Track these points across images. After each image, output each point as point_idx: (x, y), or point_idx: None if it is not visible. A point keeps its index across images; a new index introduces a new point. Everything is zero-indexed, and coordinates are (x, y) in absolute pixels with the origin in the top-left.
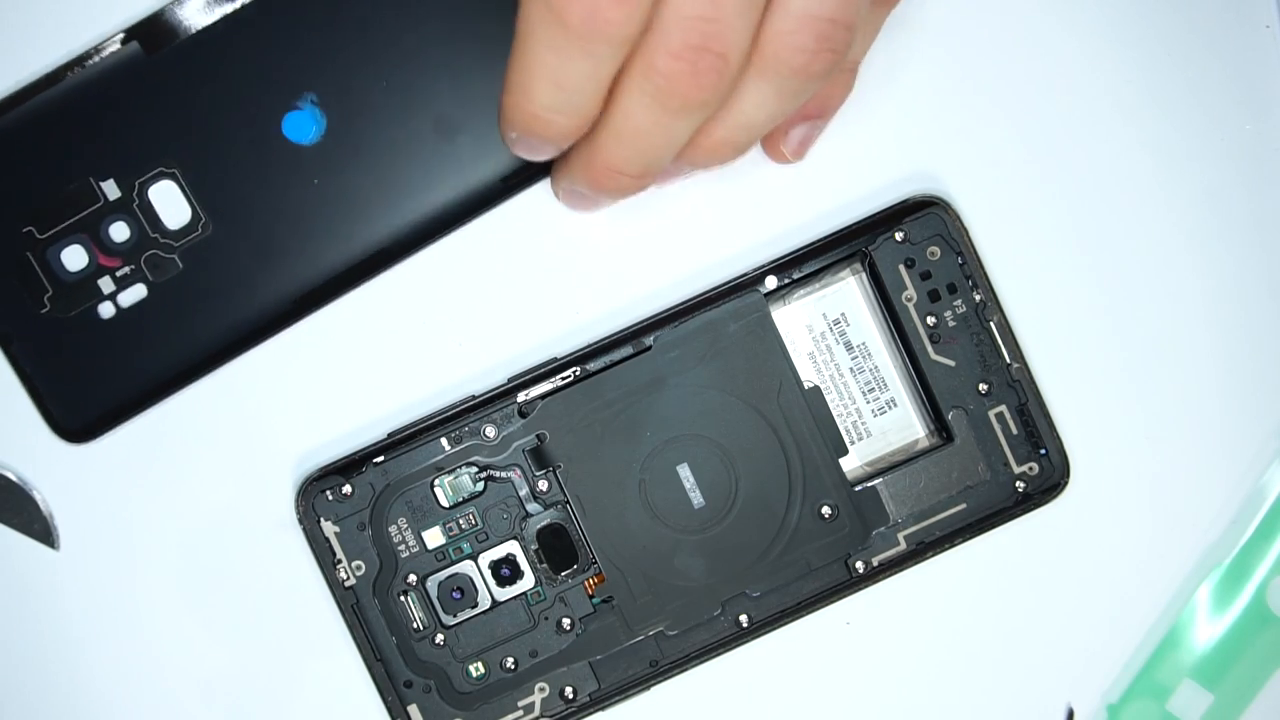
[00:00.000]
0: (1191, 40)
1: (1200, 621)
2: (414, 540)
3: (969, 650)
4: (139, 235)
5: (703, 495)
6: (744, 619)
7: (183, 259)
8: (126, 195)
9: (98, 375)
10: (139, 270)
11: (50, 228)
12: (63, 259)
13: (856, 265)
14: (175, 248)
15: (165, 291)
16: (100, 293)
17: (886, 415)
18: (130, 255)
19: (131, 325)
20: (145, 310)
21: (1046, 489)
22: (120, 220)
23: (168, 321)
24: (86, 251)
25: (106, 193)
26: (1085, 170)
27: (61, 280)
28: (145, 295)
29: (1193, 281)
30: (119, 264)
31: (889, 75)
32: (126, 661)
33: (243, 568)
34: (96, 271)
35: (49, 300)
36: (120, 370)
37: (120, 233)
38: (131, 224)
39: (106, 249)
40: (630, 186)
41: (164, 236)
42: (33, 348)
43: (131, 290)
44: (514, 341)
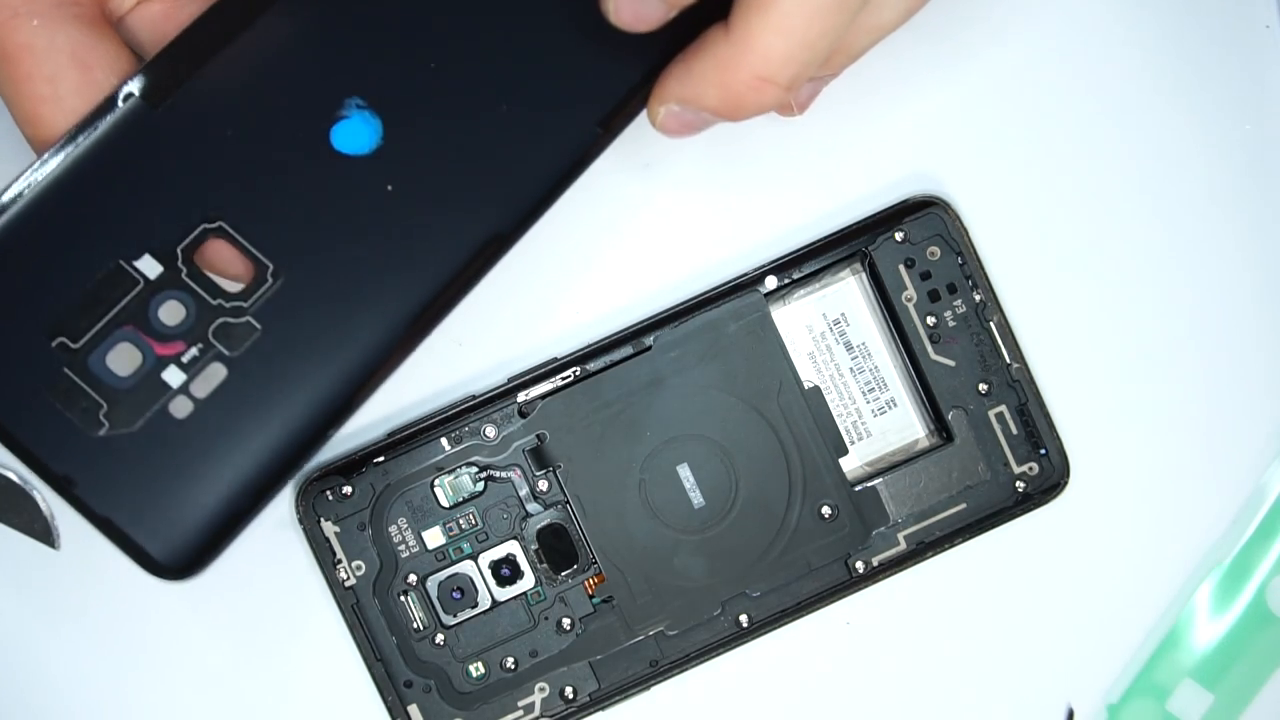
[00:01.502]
0: (1191, 40)
1: (1200, 621)
2: (414, 540)
3: (969, 650)
4: (198, 309)
5: (703, 495)
6: (744, 619)
7: (259, 319)
8: (170, 268)
9: (192, 492)
10: (209, 347)
11: (85, 331)
12: (108, 364)
13: (856, 265)
14: (246, 309)
15: (249, 363)
16: (167, 388)
17: (886, 415)
18: (193, 333)
19: (218, 415)
20: (230, 392)
21: (1046, 489)
22: (170, 299)
23: (263, 397)
24: (137, 346)
25: (145, 272)
26: (1085, 170)
27: (114, 388)
28: (226, 375)
29: (1192, 281)
30: (182, 348)
31: (889, 76)
32: (127, 661)
33: (243, 568)
34: (156, 365)
35: (105, 418)
36: (218, 475)
37: (173, 313)
38: (185, 299)
39: (161, 335)
40: (774, 103)
41: (229, 300)
42: (102, 484)
43: (206, 374)
44: (514, 341)
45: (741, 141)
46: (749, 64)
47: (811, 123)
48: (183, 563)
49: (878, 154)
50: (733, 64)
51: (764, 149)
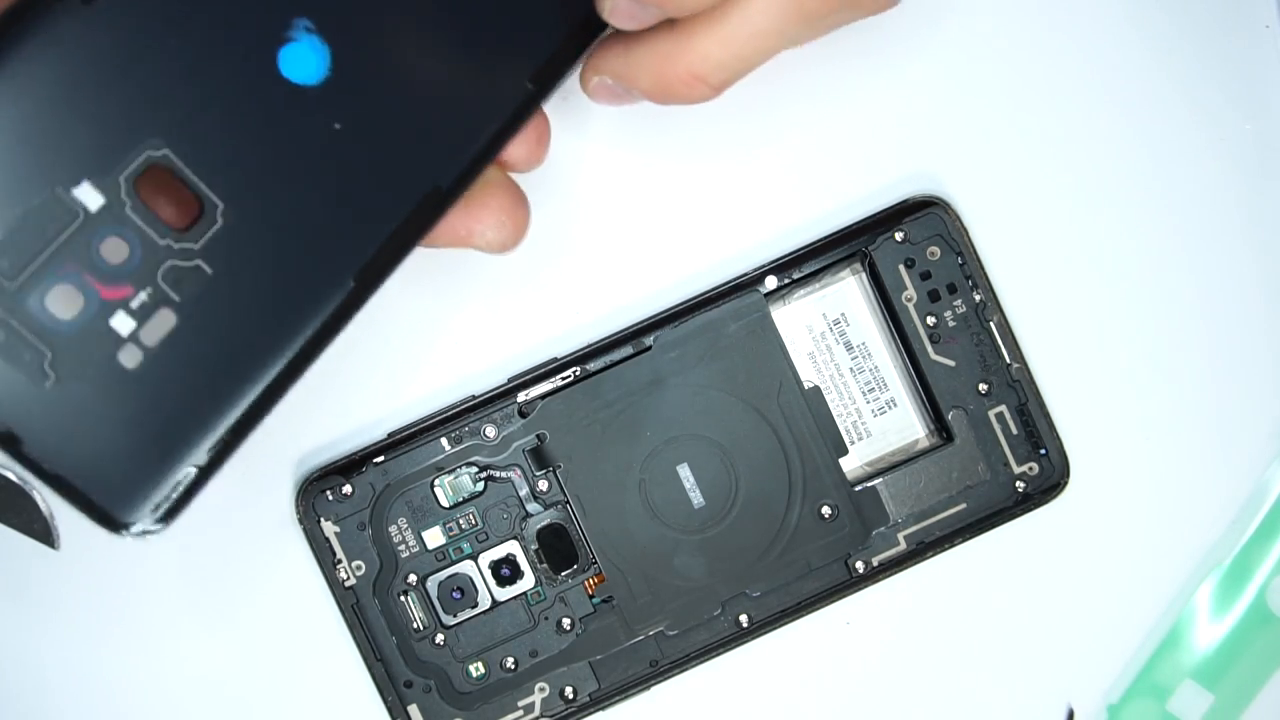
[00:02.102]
0: (1191, 40)
1: (1200, 622)
2: (414, 540)
3: (969, 650)
4: (144, 248)
5: (703, 495)
6: (744, 619)
7: (207, 261)
8: (112, 200)
9: (148, 445)
10: (158, 291)
11: (23, 270)
12: (49, 306)
13: (856, 265)
14: (195, 250)
15: (200, 309)
16: (116, 335)
17: (886, 415)
18: (140, 275)
19: (170, 365)
20: (181, 341)
21: (1046, 489)
22: (113, 234)
23: (216, 346)
24: (79, 287)
25: (85, 203)
26: (1085, 170)
27: (58, 334)
28: (176, 322)
29: (1192, 281)
30: (129, 291)
31: (889, 76)
32: (127, 661)
33: (243, 568)
34: (102, 310)
35: (50, 368)
36: (176, 429)
37: (117, 251)
38: (130, 236)
39: (106, 276)
40: (700, 100)
41: (177, 240)
42: (51, 439)
43: (156, 319)
44: (514, 341)
45: (742, 141)
46: (686, 62)
47: (812, 123)
48: (143, 518)
49: (878, 154)
50: (671, 58)
51: (764, 149)
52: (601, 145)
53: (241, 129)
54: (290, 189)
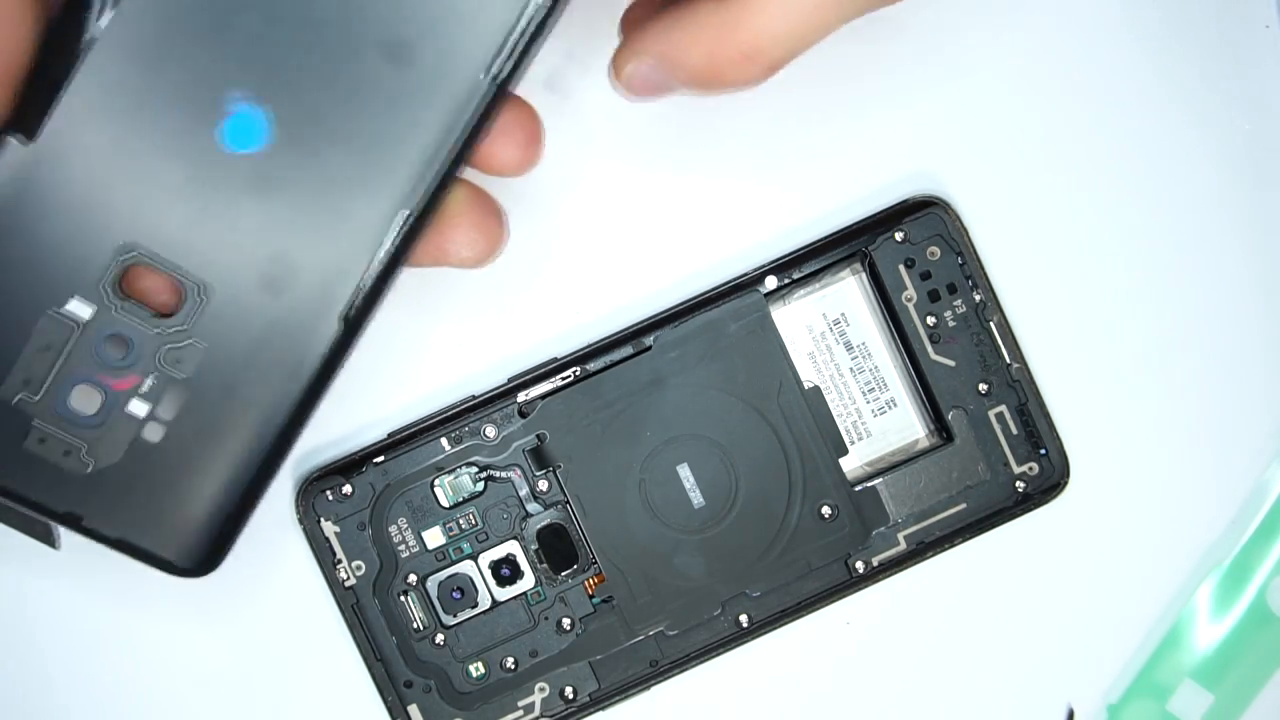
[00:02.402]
0: (1191, 40)
1: (1200, 621)
2: (414, 540)
3: (969, 650)
4: (140, 340)
5: (703, 495)
6: (744, 619)
7: (202, 336)
8: (101, 306)
9: (188, 499)
10: (162, 374)
11: (40, 383)
12: (73, 407)
13: (856, 265)
14: (186, 330)
15: (204, 379)
16: (136, 418)
17: (886, 415)
18: (142, 365)
19: (191, 429)
20: (195, 408)
21: (1046, 489)
22: (110, 335)
23: (225, 407)
24: (94, 386)
25: (77, 315)
26: (1085, 170)
27: (87, 428)
28: (187, 395)
29: (1192, 281)
30: (137, 380)
31: (889, 76)
32: (127, 661)
33: (243, 568)
34: (118, 401)
35: (88, 456)
36: (209, 481)
37: (118, 348)
38: (125, 333)
39: (113, 371)
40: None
41: (168, 326)
42: (106, 511)
43: (167, 398)
44: (514, 341)
45: (742, 141)
46: (742, 37)
47: (812, 123)
48: (199, 559)
49: (878, 154)
50: (725, 32)
51: (764, 149)
52: (602, 145)
53: (201, 208)
54: (260, 252)
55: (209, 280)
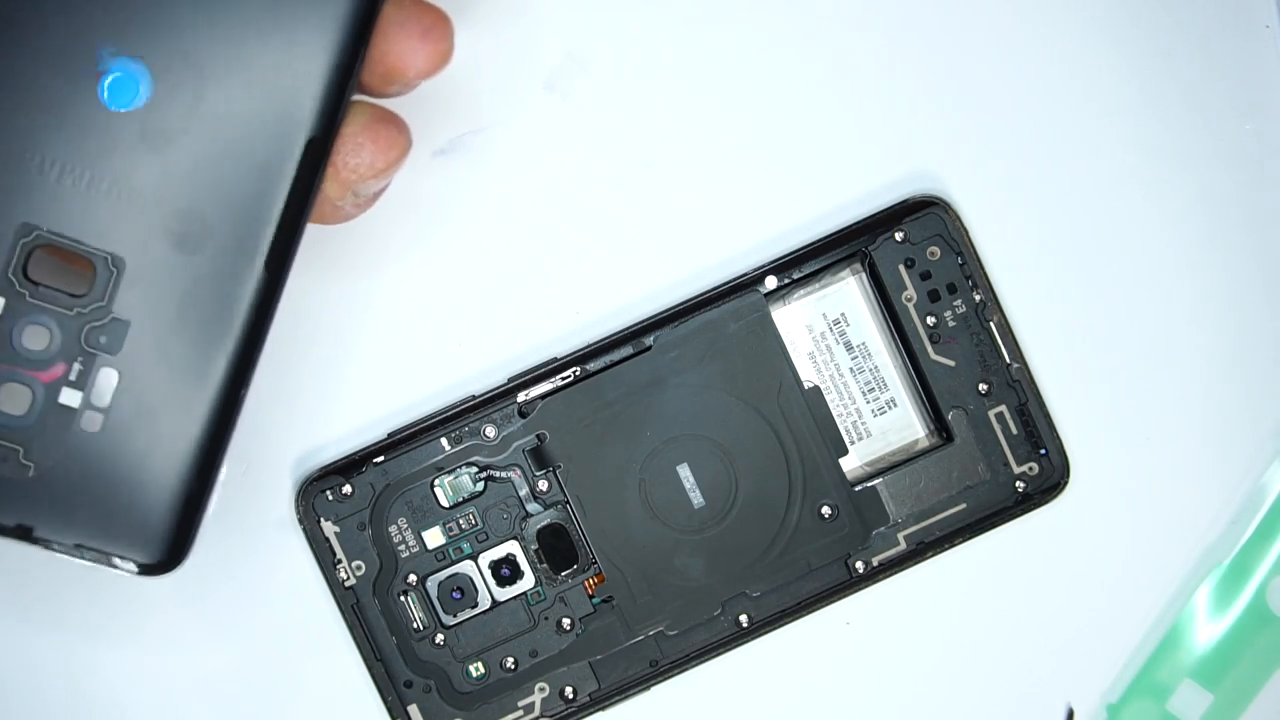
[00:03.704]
0: (1191, 40)
1: (1200, 621)
2: (414, 540)
3: (969, 650)
4: (59, 324)
5: (703, 495)
6: (744, 619)
7: (123, 310)
8: (10, 295)
9: (142, 488)
10: (90, 356)
11: None
12: (2, 409)
13: (856, 265)
14: (106, 306)
15: (134, 355)
16: (71, 410)
17: (886, 415)
18: (67, 350)
19: (131, 412)
20: (131, 389)
21: (1046, 489)
22: (28, 324)
23: (165, 379)
24: (19, 381)
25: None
26: (1085, 170)
27: (21, 429)
28: (119, 376)
29: (1192, 281)
30: (64, 369)
31: (888, 76)
32: (126, 661)
33: (243, 568)
34: (48, 394)
35: (27, 460)
36: (161, 464)
37: (38, 338)
38: (43, 319)
39: (37, 363)
40: None
41: (85, 305)
42: (57, 517)
43: (100, 382)
44: (514, 341)
45: (742, 141)
46: None
47: (812, 123)
48: (165, 553)
49: (878, 154)
50: None
51: (765, 148)
52: (602, 144)
53: (97, 177)
54: (166, 211)
55: (119, 251)
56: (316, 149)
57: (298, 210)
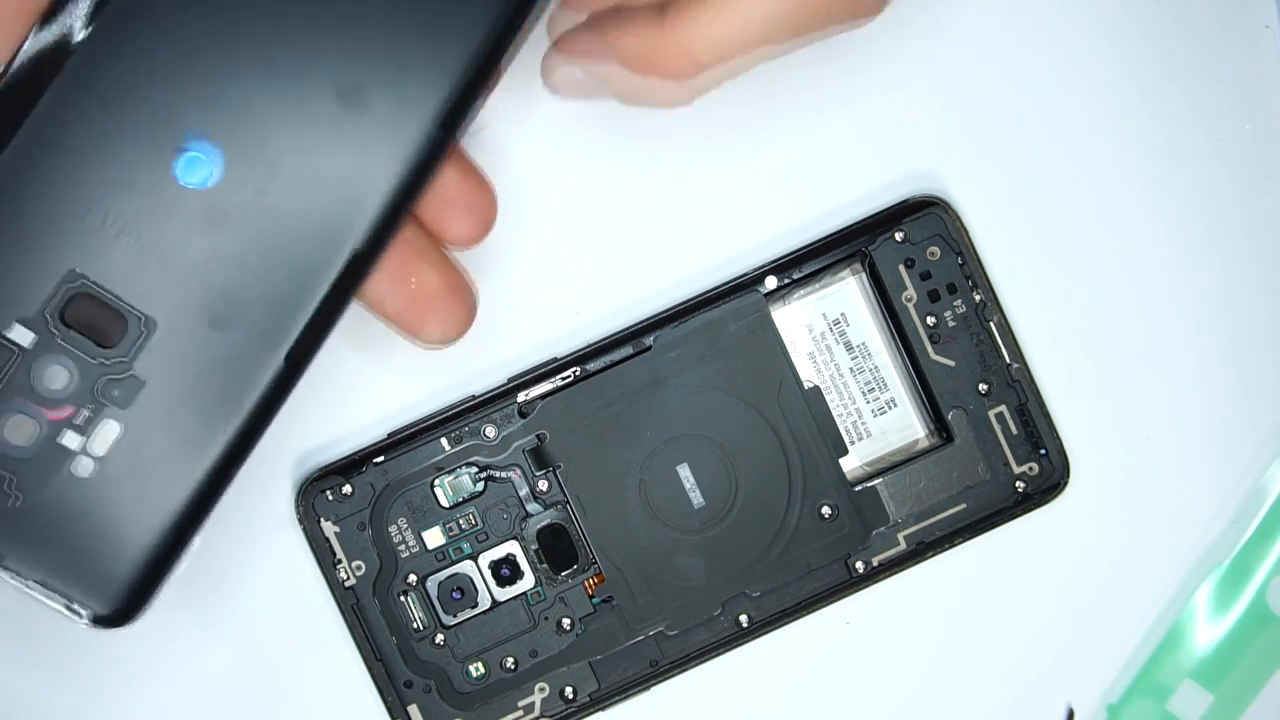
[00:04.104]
0: (1191, 40)
1: (1200, 621)
2: (414, 540)
3: (969, 650)
4: (80, 370)
5: (703, 495)
6: (744, 619)
7: (142, 370)
8: (43, 334)
9: (113, 542)
10: (99, 406)
11: None
12: (5, 438)
13: (856, 265)
14: (127, 362)
15: (141, 414)
16: (68, 451)
17: (886, 415)
18: (80, 396)
19: (121, 468)
20: (129, 445)
21: (1046, 489)
22: (51, 364)
23: (161, 445)
24: (29, 415)
25: (18, 341)
26: (1085, 170)
27: (17, 459)
28: (120, 430)
29: (1192, 281)
30: (72, 411)
31: (888, 75)
32: (126, 661)
33: (243, 568)
34: (51, 431)
35: (16, 490)
36: (135, 522)
37: (57, 378)
38: (65, 362)
39: (49, 401)
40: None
41: (109, 357)
42: (28, 550)
43: (101, 432)
44: (514, 341)
45: (742, 141)
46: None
47: (812, 122)
48: (119, 610)
49: (878, 154)
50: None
51: (764, 149)
52: (602, 144)
53: (150, 242)
54: (207, 287)
55: (154, 314)
56: (360, 262)
57: (329, 313)
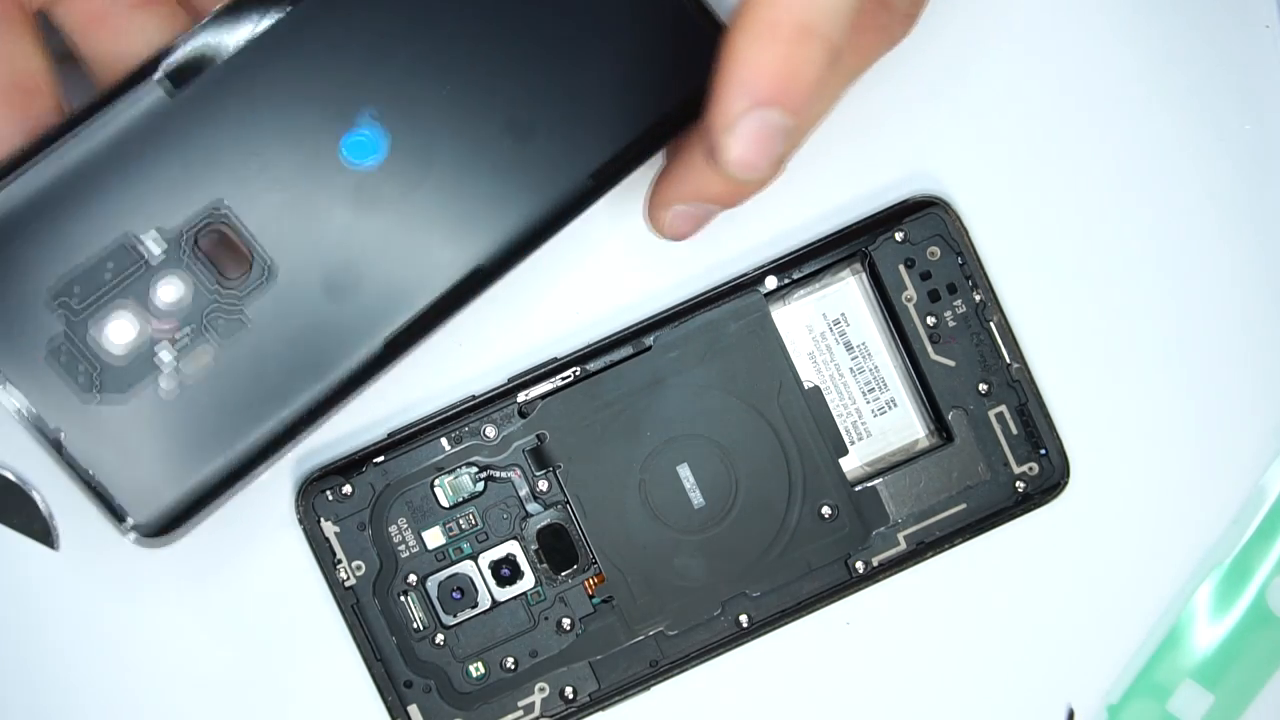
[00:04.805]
0: (1191, 40)
1: (1201, 622)
2: (414, 540)
3: (969, 650)
4: (194, 290)
5: (703, 495)
6: (744, 619)
7: (249, 313)
8: (172, 247)
9: (170, 462)
10: (200, 330)
11: (87, 298)
12: (107, 335)
13: (856, 265)
14: (239, 300)
15: (235, 352)
16: (158, 366)
17: (886, 415)
18: (187, 316)
19: (201, 397)
20: (214, 377)
21: (1046, 489)
22: (169, 277)
23: (243, 387)
24: (135, 320)
25: (149, 248)
26: (1085, 170)
27: (109, 358)
28: (212, 360)
29: (1192, 281)
30: (174, 327)
31: (889, 76)
32: (126, 661)
33: (243, 568)
34: (150, 341)
35: (98, 386)
36: (196, 452)
37: (171, 292)
38: (185, 280)
39: (158, 313)
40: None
41: (223, 288)
42: (91, 445)
43: (195, 355)
44: (514, 341)
45: None
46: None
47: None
48: (156, 526)
49: (878, 154)
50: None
51: None
52: None
53: (298, 201)
54: (334, 257)
55: (278, 265)
56: (479, 277)
57: (436, 316)
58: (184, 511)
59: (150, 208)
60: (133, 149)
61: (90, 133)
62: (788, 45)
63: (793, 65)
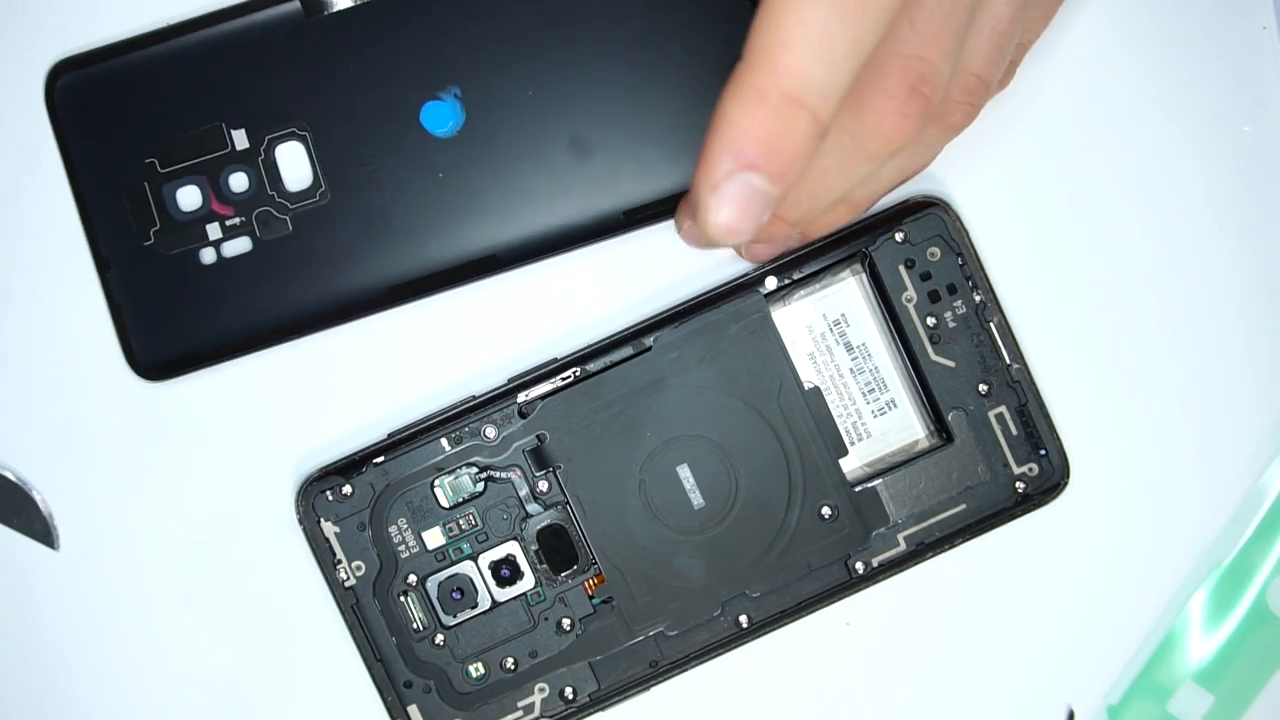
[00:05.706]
0: (1189, 41)
1: (1201, 622)
2: (414, 540)
3: (969, 650)
4: (257, 189)
5: (703, 496)
6: (744, 619)
7: (294, 222)
8: (254, 148)
9: (184, 318)
10: (249, 223)
11: (173, 164)
12: (178, 197)
13: (856, 266)
14: (290, 209)
15: (269, 250)
16: (206, 237)
17: (886, 416)
18: (244, 207)
19: (228, 276)
20: (245, 264)
21: (1046, 489)
22: (242, 171)
23: (264, 280)
24: (202, 194)
25: (235, 141)
26: (1085, 171)
27: (172, 217)
28: (249, 249)
29: (1192, 281)
30: (231, 213)
31: None
32: (127, 662)
33: (243, 568)
34: (207, 216)
35: (155, 234)
36: (207, 318)
37: (240, 183)
38: (252, 176)
39: (222, 196)
40: (781, 235)
41: (280, 196)
42: (129, 278)
43: (237, 241)
44: (514, 341)
45: None
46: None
47: None
48: (152, 365)
49: None
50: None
51: None
52: None
53: (369, 144)
54: (381, 203)
55: (335, 191)
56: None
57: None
58: (180, 362)
59: (249, 109)
60: (252, 54)
61: (229, 26)
62: (775, 113)
63: (778, 133)
